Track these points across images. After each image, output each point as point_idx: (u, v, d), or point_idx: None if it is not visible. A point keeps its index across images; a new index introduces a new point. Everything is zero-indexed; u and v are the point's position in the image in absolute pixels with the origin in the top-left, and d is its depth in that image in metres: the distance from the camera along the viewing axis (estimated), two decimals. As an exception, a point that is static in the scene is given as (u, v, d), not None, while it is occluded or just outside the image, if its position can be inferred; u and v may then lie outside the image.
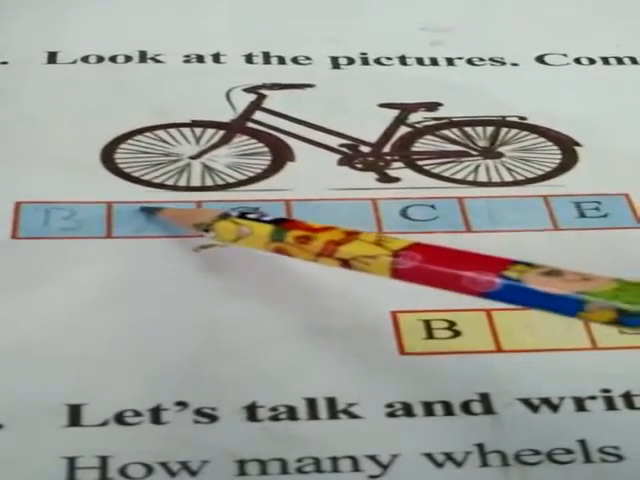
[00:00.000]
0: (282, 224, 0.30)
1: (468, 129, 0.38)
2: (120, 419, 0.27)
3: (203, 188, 0.35)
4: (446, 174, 0.36)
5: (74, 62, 0.41)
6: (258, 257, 0.32)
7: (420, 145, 0.37)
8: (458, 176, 0.36)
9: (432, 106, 0.39)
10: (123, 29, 0.42)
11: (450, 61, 0.41)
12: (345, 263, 0.28)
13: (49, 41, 0.41)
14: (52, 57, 0.41)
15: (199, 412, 0.27)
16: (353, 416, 0.27)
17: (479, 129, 0.38)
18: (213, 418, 0.27)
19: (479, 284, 0.26)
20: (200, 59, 0.41)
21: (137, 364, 0.29)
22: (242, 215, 0.31)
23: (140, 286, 0.31)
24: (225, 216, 0.31)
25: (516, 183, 0.35)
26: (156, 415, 0.27)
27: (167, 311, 0.30)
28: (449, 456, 0.26)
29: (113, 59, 0.41)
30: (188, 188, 0.35)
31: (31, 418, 0.27)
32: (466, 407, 0.28)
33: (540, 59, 0.42)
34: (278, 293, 0.31)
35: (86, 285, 0.31)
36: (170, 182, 0.35)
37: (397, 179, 0.36)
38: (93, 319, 0.30)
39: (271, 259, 0.32)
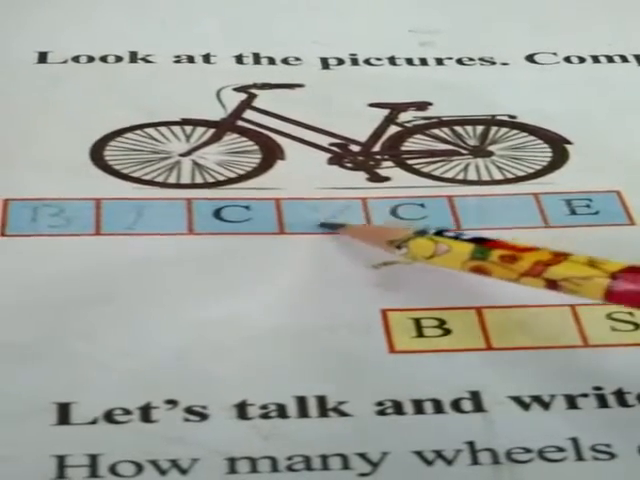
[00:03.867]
0: (483, 243, 0.30)
1: (458, 128, 0.38)
2: (110, 417, 0.27)
3: (193, 185, 0.35)
4: (436, 173, 0.36)
5: (65, 62, 0.40)
6: (245, 257, 0.32)
7: (410, 144, 0.37)
8: (448, 175, 0.36)
9: (422, 105, 0.39)
10: (114, 29, 0.42)
11: (440, 61, 0.41)
12: (552, 284, 0.28)
13: (39, 41, 0.41)
14: (42, 57, 0.41)
15: (189, 410, 0.27)
16: (343, 414, 0.27)
17: (469, 128, 0.38)
18: (203, 416, 0.27)
19: None
20: (190, 59, 0.41)
21: (126, 362, 0.28)
22: (439, 233, 0.31)
23: (129, 285, 0.31)
24: (422, 233, 0.31)
25: (506, 181, 0.35)
26: (146, 413, 0.27)
27: (156, 309, 0.30)
28: (439, 454, 0.26)
29: (104, 59, 0.41)
30: (178, 185, 0.35)
31: (20, 417, 0.27)
32: (456, 405, 0.28)
33: (530, 58, 0.42)
34: (266, 291, 0.31)
35: (75, 284, 0.31)
36: (160, 179, 0.35)
37: (387, 178, 0.36)
38: (82, 318, 0.30)
39: (262, 259, 0.32)
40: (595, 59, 0.42)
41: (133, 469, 0.26)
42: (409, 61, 0.41)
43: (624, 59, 0.42)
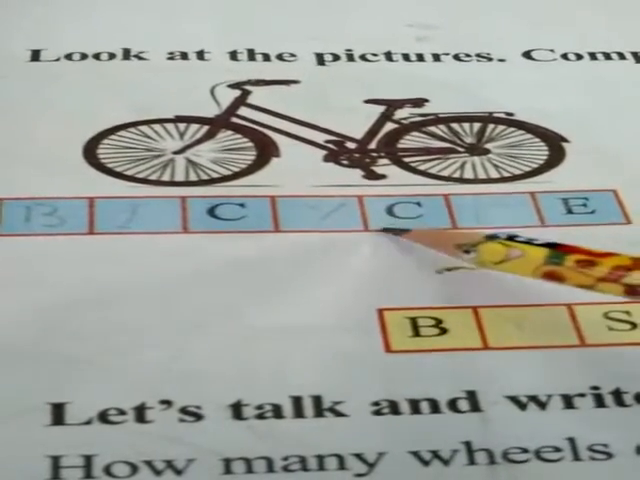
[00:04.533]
0: (557, 248, 0.29)
1: (455, 125, 0.38)
2: (104, 418, 0.27)
3: (187, 183, 0.35)
4: (432, 171, 0.36)
5: (58, 59, 0.40)
6: (240, 255, 0.32)
7: (406, 141, 0.37)
8: (444, 173, 0.36)
9: (418, 102, 0.39)
10: (107, 26, 0.42)
11: (436, 57, 0.41)
12: (632, 290, 0.28)
13: (32, 38, 0.41)
14: (35, 54, 0.40)
15: (184, 410, 0.27)
16: (339, 414, 0.27)
17: (466, 125, 0.38)
18: (198, 416, 0.27)
19: None
20: (184, 56, 0.41)
21: (120, 362, 0.28)
22: (510, 238, 0.30)
23: (124, 284, 0.31)
24: (492, 237, 0.30)
25: (503, 180, 0.35)
26: (140, 414, 0.27)
27: (150, 308, 0.30)
28: (436, 454, 0.26)
29: (97, 56, 0.41)
30: (172, 183, 0.35)
31: (14, 417, 0.27)
32: (453, 405, 0.28)
33: (527, 55, 0.42)
34: (260, 291, 0.31)
35: (69, 283, 0.31)
36: (153, 177, 0.35)
37: (383, 176, 0.35)
38: (76, 317, 0.30)
39: (256, 258, 0.32)
40: (592, 56, 0.42)
41: (128, 470, 0.26)
42: (405, 57, 0.41)
43: (621, 56, 0.42)
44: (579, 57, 0.42)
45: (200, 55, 0.41)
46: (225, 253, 0.32)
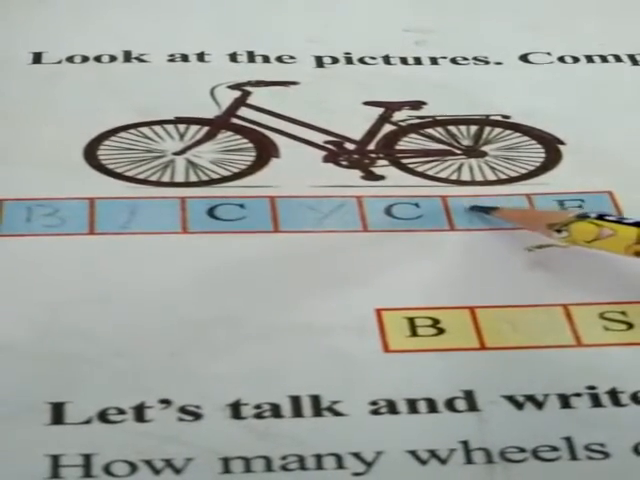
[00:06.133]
0: None
1: (452, 128, 0.38)
2: (104, 417, 0.27)
3: (187, 184, 0.35)
4: (430, 172, 0.36)
5: (59, 62, 0.41)
6: (239, 256, 0.32)
7: (404, 143, 0.37)
8: (442, 175, 0.36)
9: (416, 104, 0.39)
10: (108, 29, 0.42)
11: (434, 60, 0.41)
12: None
13: (34, 41, 0.41)
14: (37, 57, 0.41)
15: (183, 410, 0.27)
16: (337, 414, 0.27)
17: (463, 128, 0.38)
18: (197, 416, 0.27)
19: None
20: (184, 58, 0.41)
21: (120, 362, 0.28)
22: (600, 217, 0.31)
23: (123, 285, 0.31)
24: (583, 217, 0.31)
25: (499, 182, 0.35)
26: (140, 413, 0.27)
27: (150, 308, 0.30)
28: (433, 453, 0.26)
29: (98, 59, 0.41)
30: (172, 184, 0.35)
31: (14, 417, 0.27)
32: (450, 404, 0.28)
33: (524, 58, 0.42)
34: (260, 291, 0.31)
35: (69, 283, 0.31)
36: (153, 178, 0.35)
37: (382, 177, 0.36)
38: (76, 317, 0.30)
39: (256, 258, 0.32)
40: (589, 59, 0.42)
41: (127, 469, 0.26)
42: (403, 60, 0.41)
43: (618, 59, 0.42)
44: (575, 60, 0.42)
45: (200, 57, 0.41)
46: (224, 254, 0.32)
